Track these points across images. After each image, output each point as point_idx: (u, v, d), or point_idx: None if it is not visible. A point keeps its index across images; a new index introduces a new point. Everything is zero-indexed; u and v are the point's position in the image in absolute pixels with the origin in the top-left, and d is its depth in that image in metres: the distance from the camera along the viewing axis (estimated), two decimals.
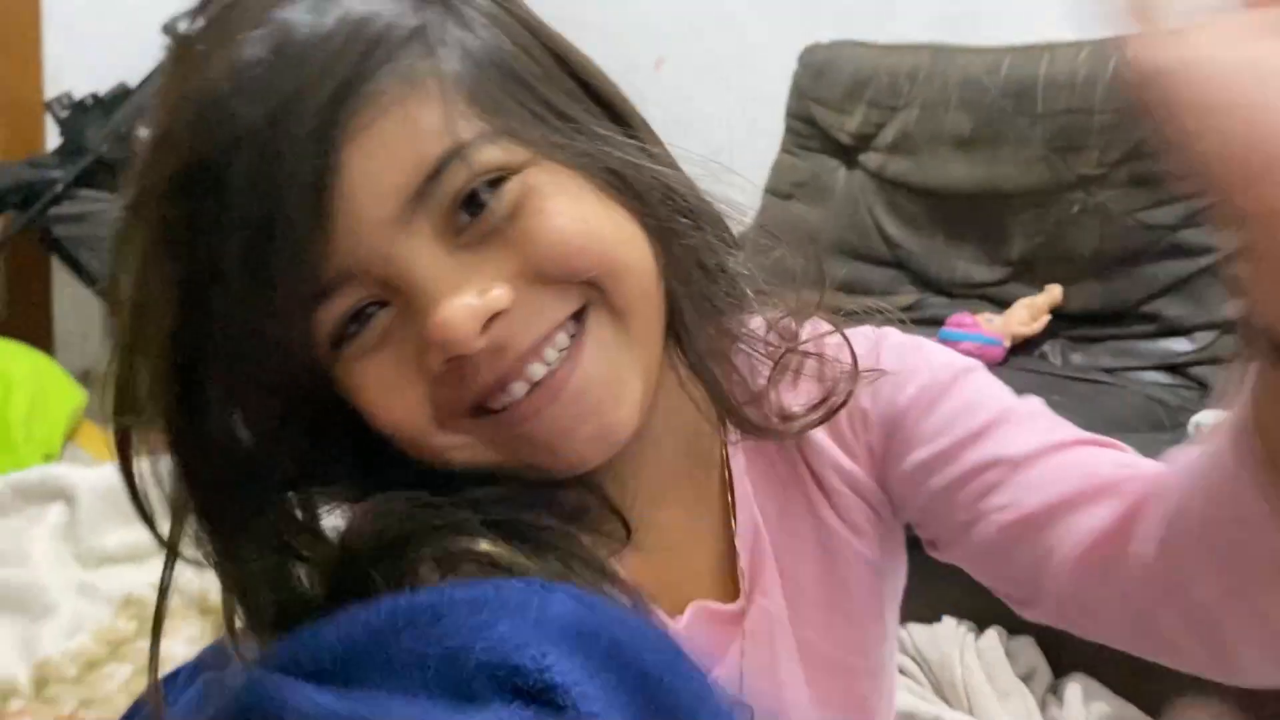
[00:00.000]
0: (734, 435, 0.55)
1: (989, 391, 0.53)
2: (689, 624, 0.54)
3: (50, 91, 2.52)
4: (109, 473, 1.61)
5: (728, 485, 0.55)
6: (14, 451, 1.72)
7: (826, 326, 0.54)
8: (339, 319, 0.44)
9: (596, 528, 0.50)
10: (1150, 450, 0.53)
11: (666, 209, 0.49)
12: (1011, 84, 1.88)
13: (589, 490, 0.50)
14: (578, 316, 0.46)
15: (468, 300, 0.43)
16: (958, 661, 1.25)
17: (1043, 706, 1.24)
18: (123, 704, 1.24)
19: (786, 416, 0.53)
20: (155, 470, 0.47)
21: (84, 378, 2.78)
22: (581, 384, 0.46)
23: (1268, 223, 0.32)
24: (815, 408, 0.52)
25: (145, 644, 1.37)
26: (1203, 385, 1.73)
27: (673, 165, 0.51)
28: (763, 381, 0.53)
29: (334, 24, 0.42)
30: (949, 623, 1.31)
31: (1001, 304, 1.88)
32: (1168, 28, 0.32)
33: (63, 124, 2.39)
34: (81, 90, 2.41)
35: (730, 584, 0.55)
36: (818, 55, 2.24)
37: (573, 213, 0.45)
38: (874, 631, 0.59)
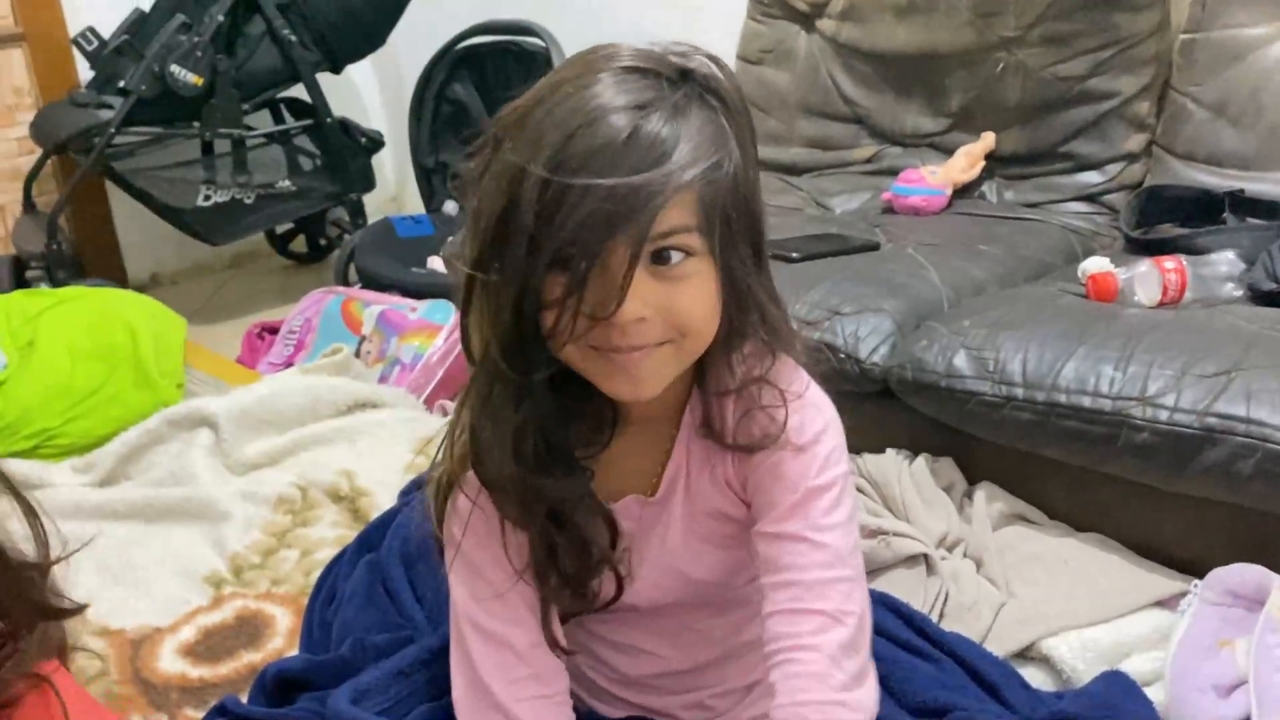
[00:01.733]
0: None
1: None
2: (622, 507, 0.86)
3: (71, 28, 2.64)
4: (237, 397, 1.86)
5: (677, 430, 0.85)
6: (155, 389, 1.93)
7: (800, 384, 0.82)
8: (578, 276, 0.70)
9: (598, 426, 0.83)
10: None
11: (746, 309, 0.78)
12: None
13: (607, 404, 0.82)
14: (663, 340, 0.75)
15: (636, 308, 0.71)
16: (896, 481, 1.44)
17: (959, 509, 1.44)
18: (300, 579, 1.52)
19: (729, 435, 0.83)
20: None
21: (153, 280, 3.09)
22: (639, 368, 0.75)
23: None
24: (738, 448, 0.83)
25: (303, 531, 1.72)
26: (1112, 210, 1.94)
27: (770, 289, 0.79)
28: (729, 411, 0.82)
29: (666, 138, 0.70)
30: (891, 453, 1.52)
31: (947, 151, 2.08)
32: None
33: (89, 57, 2.53)
34: (99, 22, 2.53)
35: (654, 489, 0.87)
36: None
37: (699, 296, 0.74)
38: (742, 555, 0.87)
